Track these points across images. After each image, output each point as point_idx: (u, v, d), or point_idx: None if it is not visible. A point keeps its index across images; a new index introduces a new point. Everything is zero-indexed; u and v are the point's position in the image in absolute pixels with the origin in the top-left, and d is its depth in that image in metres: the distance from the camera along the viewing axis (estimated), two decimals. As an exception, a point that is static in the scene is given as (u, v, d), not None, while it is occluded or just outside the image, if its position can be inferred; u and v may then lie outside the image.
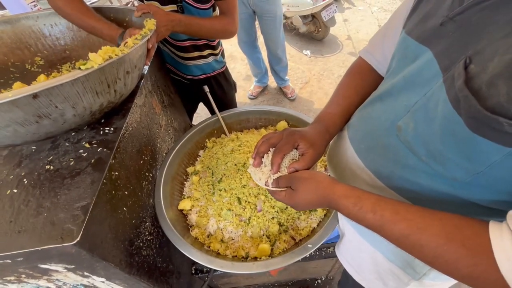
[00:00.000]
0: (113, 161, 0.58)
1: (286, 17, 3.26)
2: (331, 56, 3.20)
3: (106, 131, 0.63)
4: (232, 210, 0.75)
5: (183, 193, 0.88)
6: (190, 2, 0.90)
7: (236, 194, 0.76)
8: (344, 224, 0.66)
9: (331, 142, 0.64)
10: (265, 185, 0.54)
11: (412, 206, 0.38)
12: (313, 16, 3.15)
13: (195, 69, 1.15)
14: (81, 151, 0.59)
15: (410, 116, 0.40)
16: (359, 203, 0.41)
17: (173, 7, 0.91)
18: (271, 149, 0.55)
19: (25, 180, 0.55)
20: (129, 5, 3.87)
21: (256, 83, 2.68)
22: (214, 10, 1.00)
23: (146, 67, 0.82)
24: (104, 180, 0.54)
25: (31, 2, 4.50)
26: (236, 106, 1.45)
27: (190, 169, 0.93)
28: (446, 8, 0.38)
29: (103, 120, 0.66)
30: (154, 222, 0.75)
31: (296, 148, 0.54)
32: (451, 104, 0.32)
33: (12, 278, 0.53)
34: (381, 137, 0.47)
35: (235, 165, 0.83)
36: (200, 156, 0.99)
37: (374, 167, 0.50)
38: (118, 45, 0.57)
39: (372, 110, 0.52)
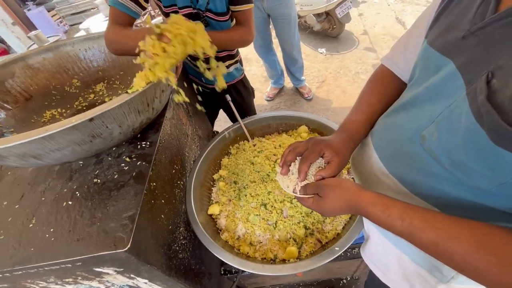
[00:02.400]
0: (151, 173, 0.63)
1: (299, 16, 3.25)
2: (347, 52, 3.15)
3: (143, 145, 0.69)
4: (259, 214, 0.78)
5: (211, 199, 0.93)
6: (211, 16, 0.95)
7: (261, 200, 0.80)
8: (369, 226, 0.68)
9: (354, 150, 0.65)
10: (293, 192, 0.57)
11: (440, 214, 0.39)
12: (327, 13, 3.12)
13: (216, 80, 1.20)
14: (123, 164, 0.65)
15: (434, 126, 0.41)
16: (387, 211, 0.42)
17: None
18: (297, 157, 0.58)
19: (77, 193, 0.61)
20: (145, 16, 4.03)
21: (272, 85, 2.71)
22: (232, 20, 1.05)
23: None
24: (145, 191, 0.59)
25: (58, 19, 4.79)
26: (254, 111, 1.49)
27: (216, 176, 0.98)
28: (468, 21, 0.38)
29: (139, 135, 0.72)
30: (187, 227, 0.80)
31: (322, 157, 0.56)
32: (474, 117, 0.33)
33: (70, 280, 0.60)
34: (405, 145, 0.48)
35: (258, 172, 0.87)
36: (224, 162, 1.03)
37: (398, 174, 0.51)
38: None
39: (396, 118, 0.53)
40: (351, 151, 0.59)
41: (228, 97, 1.08)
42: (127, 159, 0.66)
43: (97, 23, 2.89)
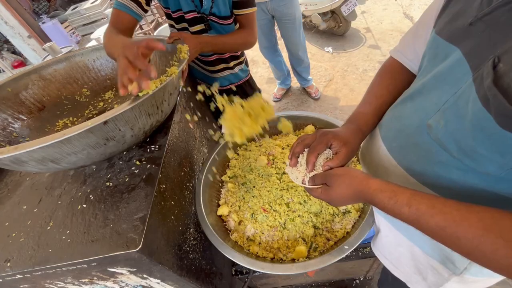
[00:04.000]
0: (160, 175, 0.65)
1: (304, 16, 3.24)
2: (354, 50, 3.12)
3: (152, 148, 0.71)
4: (267, 215, 0.79)
5: (220, 200, 0.94)
6: (215, 20, 0.97)
7: (268, 202, 0.81)
8: (380, 219, 0.67)
9: (363, 142, 0.65)
10: (302, 183, 0.57)
11: (447, 200, 0.39)
12: (332, 12, 3.10)
13: (222, 80, 1.22)
14: (133, 168, 0.67)
15: (440, 114, 0.42)
16: (395, 197, 0.42)
17: (201, 26, 0.99)
18: (305, 149, 0.58)
19: (91, 196, 0.64)
20: (153, 23, 4.12)
21: (279, 86, 2.71)
22: (235, 23, 1.06)
23: (181, 86, 0.90)
24: (155, 193, 0.61)
25: (70, 31, 4.95)
26: (262, 112, 1.49)
27: (224, 177, 0.99)
28: (475, 8, 0.39)
29: (148, 139, 0.74)
30: (197, 228, 0.82)
31: (329, 148, 0.57)
32: (481, 102, 0.34)
33: (86, 280, 0.63)
34: (413, 135, 0.49)
35: (264, 175, 0.88)
36: (232, 163, 1.04)
37: (406, 165, 0.52)
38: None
39: (403, 109, 0.54)
40: (359, 142, 0.59)
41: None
42: (138, 163, 0.68)
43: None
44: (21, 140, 0.77)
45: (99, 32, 3.09)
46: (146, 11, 0.87)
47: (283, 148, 0.95)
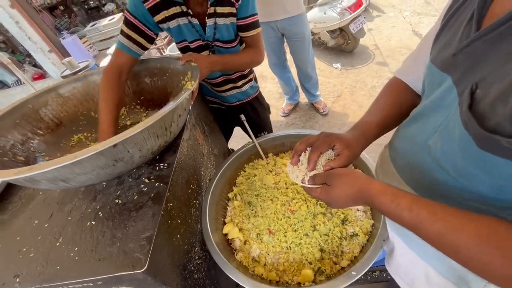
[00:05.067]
0: (168, 194, 0.66)
1: (313, 33, 3.31)
2: (362, 67, 3.14)
3: (161, 166, 0.73)
4: (273, 236, 0.78)
5: (226, 217, 0.94)
6: (220, 45, 1.01)
7: (274, 223, 0.80)
8: (394, 237, 0.66)
9: (376, 162, 0.68)
10: (302, 182, 0.57)
11: (448, 207, 0.39)
12: (341, 29, 3.15)
13: (231, 98, 1.25)
14: (142, 186, 0.69)
15: (438, 136, 0.45)
16: (396, 200, 0.43)
17: (206, 52, 1.02)
18: (308, 148, 0.58)
19: (100, 213, 0.65)
20: (166, 39, 4.27)
21: (287, 101, 2.73)
22: (241, 44, 1.09)
23: (190, 106, 0.93)
24: (162, 212, 0.61)
25: (88, 46, 5.19)
26: (270, 127, 1.51)
27: (230, 194, 0.99)
28: (457, 41, 0.42)
29: (157, 157, 0.76)
30: (202, 246, 0.81)
31: (332, 149, 0.57)
32: (462, 125, 0.37)
33: (91, 298, 0.63)
34: (417, 156, 0.51)
35: (270, 196, 0.87)
36: (238, 181, 1.05)
37: (413, 184, 0.53)
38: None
39: (408, 130, 0.56)
40: (362, 147, 0.59)
41: (242, 117, 1.11)
42: (146, 180, 0.69)
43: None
44: (38, 155, 0.80)
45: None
46: (146, 48, 0.92)
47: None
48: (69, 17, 6.68)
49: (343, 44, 3.30)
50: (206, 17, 0.92)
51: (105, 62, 2.82)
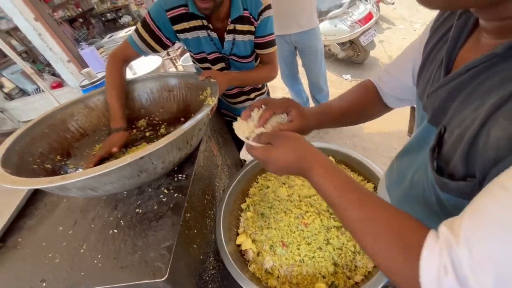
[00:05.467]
0: (186, 204, 0.68)
1: (324, 45, 3.35)
2: (373, 78, 3.14)
3: (180, 177, 0.76)
4: (286, 248, 0.79)
5: (239, 228, 0.95)
6: (235, 59, 1.05)
7: (287, 235, 0.81)
8: None
9: (378, 192, 0.69)
10: (246, 138, 0.55)
11: (375, 197, 0.41)
12: (351, 41, 3.19)
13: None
14: (161, 196, 0.72)
15: (421, 169, 0.46)
16: (331, 176, 0.43)
17: (222, 64, 1.07)
18: (263, 106, 0.59)
19: (121, 221, 0.68)
20: (179, 50, 4.39)
21: (297, 112, 2.75)
22: (256, 60, 1.13)
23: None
24: (181, 222, 0.64)
25: (104, 56, 5.40)
26: (281, 139, 1.53)
27: (243, 205, 1.01)
28: (431, 82, 0.45)
29: (175, 168, 0.79)
30: (216, 256, 0.83)
31: (287, 114, 0.58)
32: (430, 164, 0.40)
33: (111, 304, 0.65)
34: (407, 188, 0.52)
35: (283, 208, 0.89)
36: (251, 192, 1.06)
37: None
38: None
39: (401, 163, 0.58)
40: (316, 124, 0.62)
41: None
42: (165, 191, 0.72)
43: (138, 59, 3.24)
44: (63, 163, 0.84)
45: (131, 59, 3.38)
46: (157, 51, 0.99)
47: (303, 181, 0.96)
48: (88, 28, 6.98)
49: (353, 56, 3.33)
50: (225, 33, 0.97)
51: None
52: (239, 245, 0.89)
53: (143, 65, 2.89)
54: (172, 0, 0.90)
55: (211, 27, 0.95)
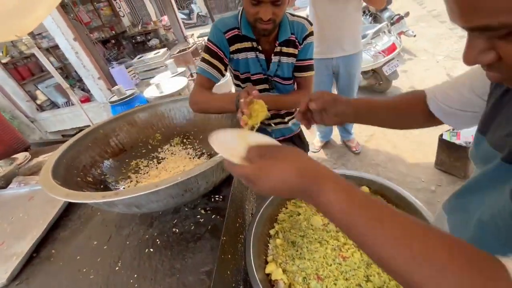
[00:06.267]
0: (224, 227, 0.66)
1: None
2: (395, 107, 3.12)
3: (216, 198, 0.75)
4: (322, 282, 0.74)
5: (268, 256, 0.91)
6: (278, 81, 1.09)
7: (324, 268, 0.76)
8: None
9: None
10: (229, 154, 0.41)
11: (420, 222, 0.33)
12: (373, 70, 3.22)
13: (276, 132, 1.29)
14: (198, 216, 0.70)
15: (495, 209, 0.43)
16: (351, 195, 0.34)
17: (265, 85, 1.10)
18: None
19: (158, 240, 0.67)
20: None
21: (319, 138, 2.74)
22: (295, 83, 1.16)
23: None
24: (219, 246, 0.62)
25: (132, 74, 5.69)
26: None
27: (272, 231, 0.97)
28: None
29: (211, 188, 0.78)
30: (246, 285, 0.79)
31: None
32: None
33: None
34: (474, 228, 0.48)
35: (318, 239, 0.85)
36: (280, 218, 1.03)
37: None
38: (237, 107, 0.78)
39: (462, 201, 0.54)
40: (353, 107, 0.63)
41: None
42: (202, 211, 0.71)
43: (165, 78, 3.38)
44: (102, 177, 0.85)
45: (159, 78, 3.52)
46: (223, 75, 1.02)
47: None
48: (119, 49, 7.48)
49: (375, 85, 3.34)
50: (273, 55, 1.02)
51: (147, 90, 3.07)
52: (268, 274, 0.85)
53: (169, 85, 3.02)
54: (227, 23, 0.98)
55: (260, 49, 1.01)
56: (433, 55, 4.13)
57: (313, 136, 2.88)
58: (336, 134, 2.72)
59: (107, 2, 7.27)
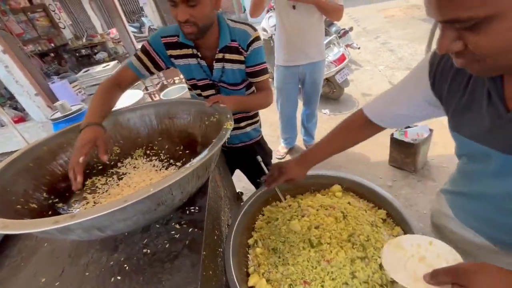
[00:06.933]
0: (203, 240, 0.60)
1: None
2: (349, 112, 3.33)
3: (192, 210, 0.68)
4: (309, 287, 0.71)
5: (249, 267, 0.86)
6: (225, 86, 1.08)
7: (310, 271, 0.74)
8: None
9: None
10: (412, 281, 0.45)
11: None
12: (327, 79, 3.44)
13: (233, 139, 1.27)
14: (173, 232, 0.63)
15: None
16: None
17: (212, 91, 1.09)
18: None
19: (125, 266, 0.57)
20: (159, 85, 4.39)
21: (284, 144, 2.79)
22: (247, 89, 1.16)
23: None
24: (201, 262, 0.55)
25: (77, 89, 5.20)
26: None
27: (250, 241, 0.93)
28: (486, 118, 0.47)
29: (186, 200, 0.71)
30: (229, 302, 0.72)
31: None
32: None
33: None
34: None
35: (299, 243, 0.82)
36: (257, 225, 0.99)
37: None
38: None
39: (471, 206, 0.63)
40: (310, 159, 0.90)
41: (259, 158, 1.10)
42: (177, 226, 0.64)
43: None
44: (50, 202, 0.72)
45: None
46: (152, 73, 1.04)
47: (317, 210, 0.92)
48: (59, 63, 6.80)
49: (329, 92, 3.57)
50: (214, 61, 1.01)
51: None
52: (252, 287, 0.79)
53: (124, 99, 2.80)
54: (168, 30, 1.01)
55: (200, 55, 1.01)
56: (375, 65, 4.61)
57: (277, 143, 2.92)
58: (300, 139, 2.80)
59: (44, 13, 6.61)
